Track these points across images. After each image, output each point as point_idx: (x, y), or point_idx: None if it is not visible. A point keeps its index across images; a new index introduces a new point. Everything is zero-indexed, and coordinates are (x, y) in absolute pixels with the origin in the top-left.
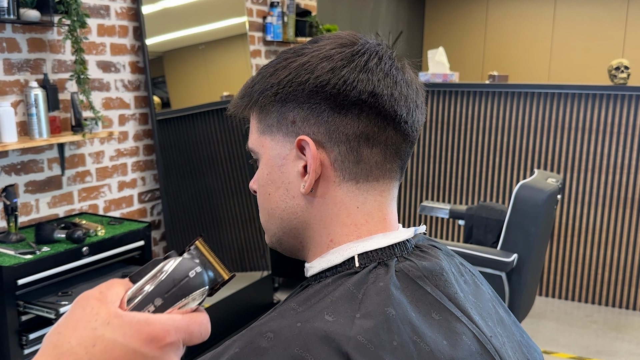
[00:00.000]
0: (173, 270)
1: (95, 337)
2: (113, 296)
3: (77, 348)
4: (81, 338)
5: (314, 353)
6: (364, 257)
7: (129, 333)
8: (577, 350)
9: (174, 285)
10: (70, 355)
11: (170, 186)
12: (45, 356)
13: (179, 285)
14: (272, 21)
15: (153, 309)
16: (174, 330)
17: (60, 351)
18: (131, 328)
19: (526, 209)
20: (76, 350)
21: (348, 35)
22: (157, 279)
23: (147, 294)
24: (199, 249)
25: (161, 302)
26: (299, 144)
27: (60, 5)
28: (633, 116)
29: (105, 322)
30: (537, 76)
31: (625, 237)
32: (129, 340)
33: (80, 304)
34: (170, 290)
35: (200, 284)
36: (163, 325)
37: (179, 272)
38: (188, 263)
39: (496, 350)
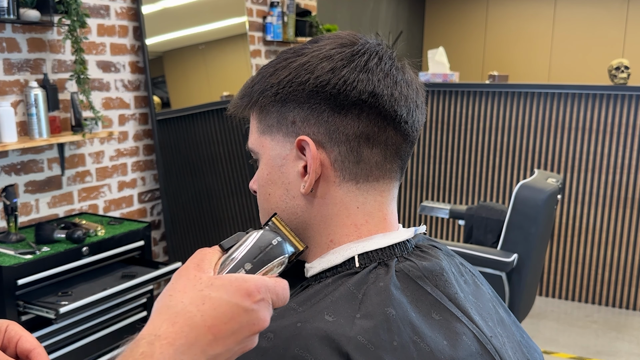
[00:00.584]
0: (257, 239)
1: (203, 297)
2: (207, 265)
3: (190, 307)
4: (191, 298)
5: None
6: (364, 257)
7: (230, 290)
8: (577, 350)
9: (260, 252)
10: (185, 314)
11: (170, 186)
12: (161, 316)
13: (265, 252)
14: (272, 21)
15: (244, 272)
16: (265, 288)
17: (175, 310)
18: (232, 285)
19: (526, 209)
20: (189, 308)
21: (348, 35)
22: (245, 247)
23: (238, 260)
24: (275, 225)
25: (250, 266)
26: (299, 144)
27: (60, 5)
28: (633, 116)
29: (209, 284)
30: (537, 76)
31: (625, 237)
32: (231, 296)
33: (182, 274)
34: (257, 256)
35: (281, 252)
36: (256, 282)
37: (263, 241)
38: (269, 234)
39: (496, 351)
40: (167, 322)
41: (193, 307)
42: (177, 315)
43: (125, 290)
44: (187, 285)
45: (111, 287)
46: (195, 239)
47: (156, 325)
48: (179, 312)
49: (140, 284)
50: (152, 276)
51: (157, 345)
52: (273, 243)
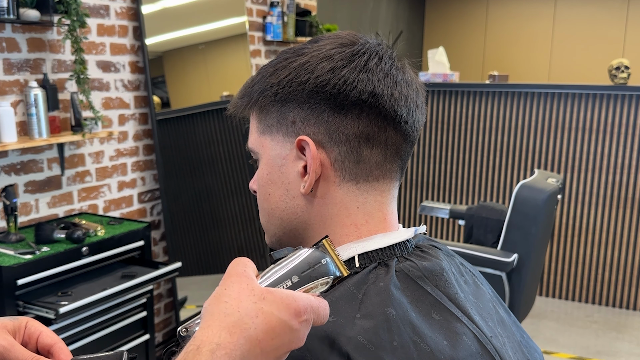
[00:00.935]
0: (308, 255)
1: (257, 310)
2: (252, 273)
3: (246, 318)
4: (247, 309)
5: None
6: (364, 257)
7: (281, 307)
8: (577, 351)
9: (309, 267)
10: (241, 325)
11: (170, 186)
12: (218, 323)
13: (313, 268)
14: (272, 21)
15: (290, 284)
16: (311, 309)
17: (232, 320)
18: (282, 302)
19: (526, 209)
20: (245, 320)
21: (348, 35)
22: (294, 261)
23: (286, 272)
24: (325, 246)
25: (297, 279)
26: (299, 144)
27: (60, 5)
28: (633, 116)
29: (262, 297)
30: (537, 76)
31: (625, 237)
32: (282, 313)
33: (234, 281)
34: (305, 271)
35: (327, 272)
36: (304, 302)
37: (313, 258)
38: (319, 254)
39: (496, 351)
40: (225, 331)
41: (248, 319)
42: (234, 325)
43: (125, 290)
44: (241, 293)
45: (111, 287)
46: (195, 239)
47: (215, 333)
48: (236, 322)
49: (140, 284)
50: (152, 276)
51: (217, 354)
52: (322, 262)
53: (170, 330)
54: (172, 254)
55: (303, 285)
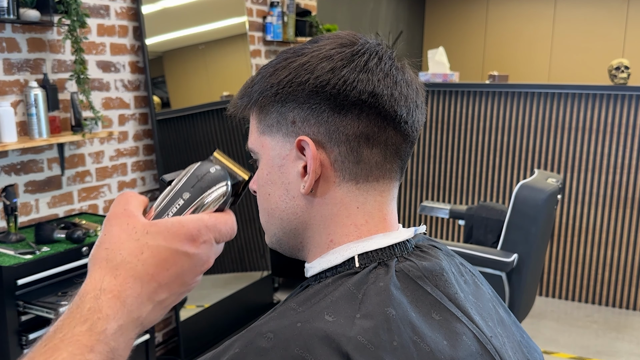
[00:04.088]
0: (196, 169)
1: (141, 246)
2: (134, 208)
3: (129, 257)
4: (129, 249)
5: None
6: (364, 257)
7: (168, 236)
8: (577, 351)
9: (197, 180)
10: (125, 265)
11: None
12: (100, 270)
13: (202, 179)
14: (272, 21)
15: (182, 202)
16: (205, 229)
17: (114, 263)
18: (169, 231)
19: (526, 209)
20: (128, 259)
21: (348, 35)
22: (183, 178)
23: (176, 190)
24: (216, 157)
25: (188, 195)
26: (298, 144)
27: (60, 5)
28: (633, 116)
29: (144, 232)
30: (537, 76)
31: (625, 237)
32: (170, 242)
33: (113, 223)
34: (195, 184)
35: (222, 178)
36: (194, 225)
37: (200, 170)
38: (208, 164)
39: (496, 351)
40: (108, 275)
41: (133, 258)
42: (117, 267)
43: None
44: (121, 235)
45: None
46: None
47: (97, 279)
48: (119, 264)
49: None
50: None
51: (103, 299)
52: (211, 171)
53: (170, 330)
54: None
55: (196, 199)
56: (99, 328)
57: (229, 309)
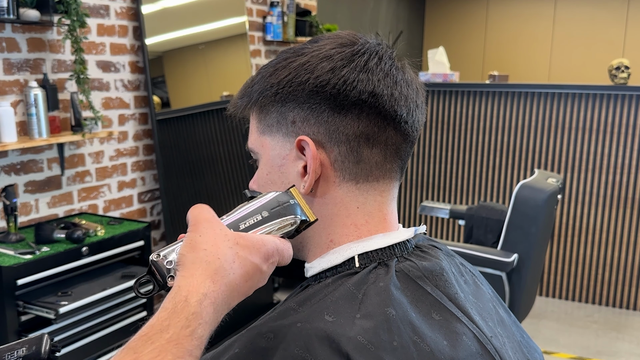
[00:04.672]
0: (277, 195)
1: (234, 255)
2: (217, 219)
3: (225, 264)
4: (225, 255)
5: (314, 353)
6: (364, 257)
7: (253, 251)
8: (577, 351)
9: (278, 205)
10: (222, 271)
11: (170, 186)
12: (202, 273)
13: (283, 206)
14: (272, 21)
15: (260, 219)
16: (276, 252)
17: (213, 268)
18: (254, 247)
19: (526, 209)
20: (225, 266)
21: (348, 35)
22: (265, 199)
23: (256, 207)
24: (292, 193)
25: (267, 214)
26: (298, 144)
27: (59, 5)
28: (633, 116)
29: (236, 242)
30: (537, 76)
31: (625, 237)
32: (254, 257)
33: (206, 226)
34: (274, 208)
35: (294, 212)
36: (272, 245)
37: (282, 197)
38: (289, 195)
39: (496, 351)
40: (209, 279)
41: (227, 265)
42: (216, 273)
43: (125, 290)
44: (217, 239)
45: (111, 287)
46: None
47: (200, 282)
48: (217, 269)
49: None
50: None
51: (205, 305)
52: (290, 202)
53: None
54: None
55: (272, 220)
56: (199, 334)
57: None
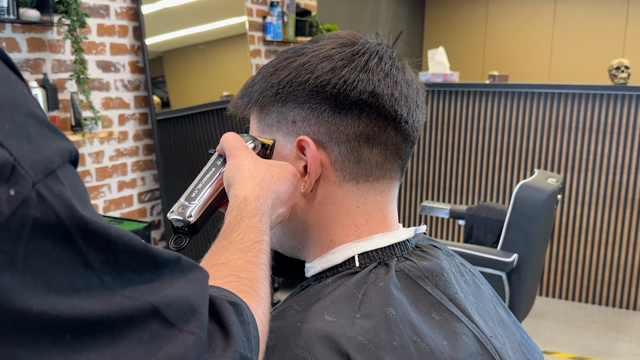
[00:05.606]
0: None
1: (271, 172)
2: None
3: (266, 177)
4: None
5: (314, 353)
6: (364, 257)
7: (282, 168)
8: (577, 351)
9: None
10: (264, 182)
11: (170, 186)
12: (250, 182)
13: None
14: (272, 21)
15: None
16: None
17: (258, 179)
18: (282, 166)
19: (526, 209)
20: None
21: (348, 35)
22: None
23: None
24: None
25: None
26: (299, 144)
27: (59, 5)
28: (633, 116)
29: (269, 165)
30: (537, 76)
31: (625, 237)
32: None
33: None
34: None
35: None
36: (293, 168)
37: None
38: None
39: (496, 351)
40: (257, 186)
41: (268, 178)
42: (261, 182)
43: None
44: (255, 162)
45: None
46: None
47: (253, 188)
48: (261, 181)
49: None
50: None
51: (260, 201)
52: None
53: None
54: None
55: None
56: (264, 221)
57: None
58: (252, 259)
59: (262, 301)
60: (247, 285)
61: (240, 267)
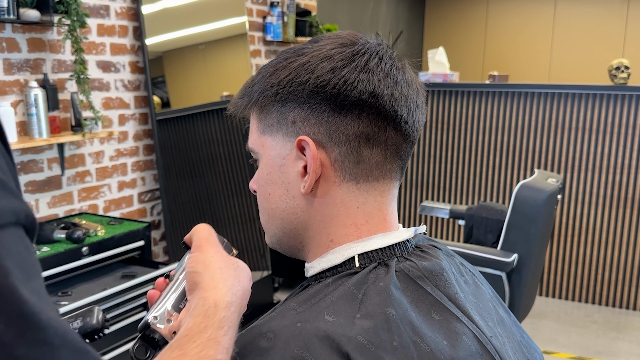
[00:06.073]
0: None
1: (237, 276)
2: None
3: (235, 282)
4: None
5: (314, 353)
6: (364, 257)
7: (244, 274)
8: (577, 351)
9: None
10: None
11: (170, 186)
12: (222, 285)
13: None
14: (272, 21)
15: None
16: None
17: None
18: (245, 270)
19: (526, 209)
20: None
21: (348, 35)
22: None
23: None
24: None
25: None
26: (299, 144)
27: (60, 5)
28: (633, 116)
29: (236, 266)
30: (537, 76)
31: (625, 237)
32: (246, 279)
33: (215, 250)
34: None
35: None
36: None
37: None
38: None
39: (496, 351)
40: (229, 292)
41: (236, 284)
42: (231, 288)
43: (125, 290)
44: (225, 262)
45: (111, 287)
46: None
47: (224, 293)
48: (231, 285)
49: (140, 284)
50: (152, 276)
51: (231, 310)
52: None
53: None
54: (172, 254)
55: None
56: (230, 334)
57: None
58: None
59: None
60: None
61: None
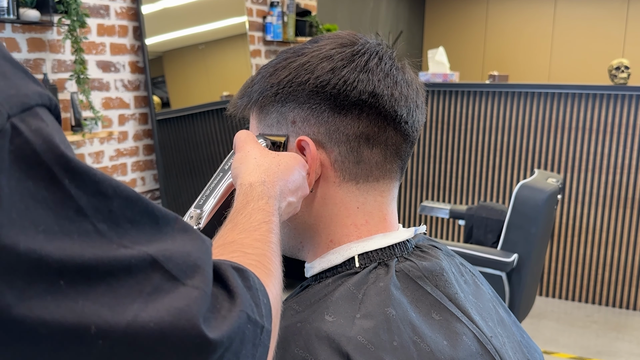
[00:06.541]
0: None
1: (278, 161)
2: None
3: (273, 166)
4: (270, 161)
5: (314, 353)
6: (364, 258)
7: (291, 158)
8: (577, 351)
9: None
10: (271, 169)
11: (170, 186)
12: (256, 170)
13: None
14: (272, 21)
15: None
16: (304, 164)
17: (264, 168)
18: (291, 155)
19: (526, 209)
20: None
21: (348, 35)
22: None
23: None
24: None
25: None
26: (299, 145)
27: (60, 5)
28: (633, 116)
29: (276, 154)
30: (537, 76)
31: (625, 237)
32: (293, 162)
33: (252, 145)
34: None
35: None
36: (301, 159)
37: None
38: None
39: (496, 351)
40: (264, 173)
41: (275, 167)
42: (267, 170)
43: None
44: (262, 153)
45: None
46: None
47: (259, 175)
48: (268, 169)
49: None
50: None
51: (267, 186)
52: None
53: None
54: None
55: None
56: (271, 204)
57: None
58: (260, 237)
59: (272, 275)
60: (254, 260)
61: (247, 244)
